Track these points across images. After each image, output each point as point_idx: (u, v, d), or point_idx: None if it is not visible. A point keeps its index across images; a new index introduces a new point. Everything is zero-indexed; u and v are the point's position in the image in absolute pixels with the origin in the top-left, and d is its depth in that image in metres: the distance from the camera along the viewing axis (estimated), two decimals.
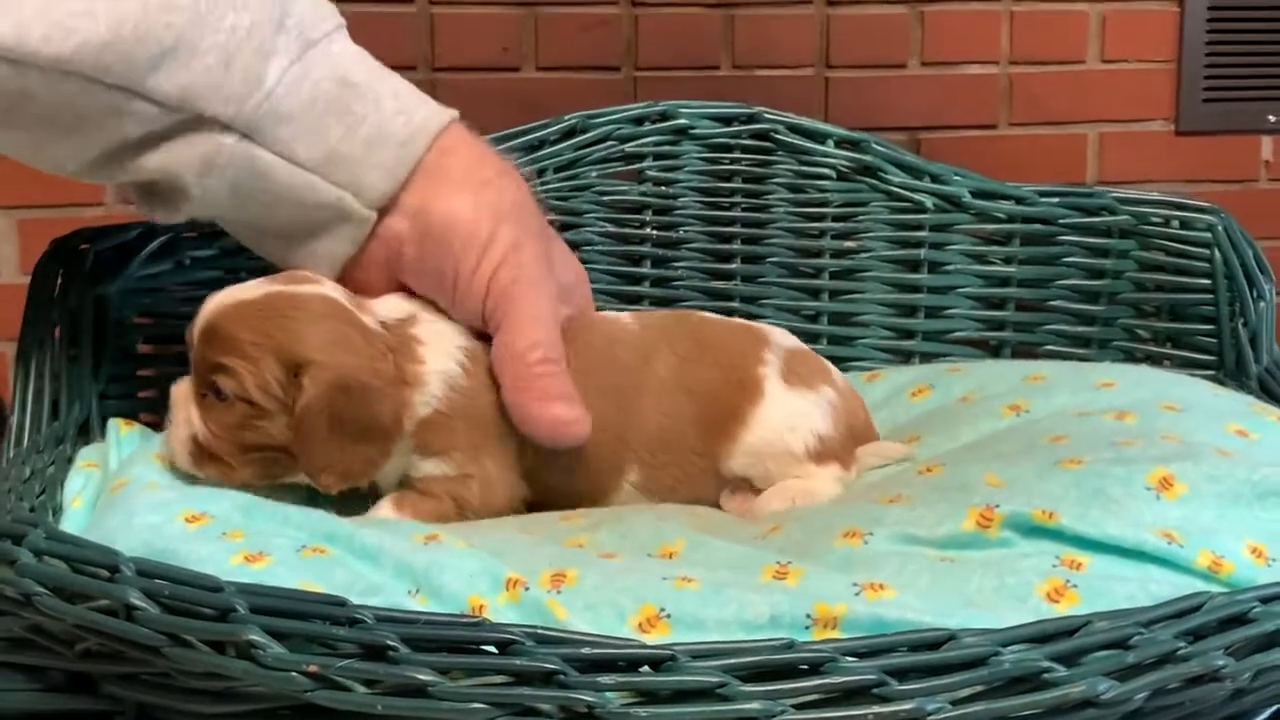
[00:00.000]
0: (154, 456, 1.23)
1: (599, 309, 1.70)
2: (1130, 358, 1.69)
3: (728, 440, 1.29)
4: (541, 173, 1.70)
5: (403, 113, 1.19)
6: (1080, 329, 1.71)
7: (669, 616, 1.00)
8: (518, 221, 1.22)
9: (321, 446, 1.15)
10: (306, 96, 1.15)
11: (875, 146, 1.73)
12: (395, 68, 1.24)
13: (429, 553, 1.05)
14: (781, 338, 1.36)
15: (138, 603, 0.92)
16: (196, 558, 1.03)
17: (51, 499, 1.20)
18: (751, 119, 1.74)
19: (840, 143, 1.74)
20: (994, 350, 1.72)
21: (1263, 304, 1.60)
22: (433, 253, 1.21)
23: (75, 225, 1.49)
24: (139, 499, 1.12)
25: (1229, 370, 1.59)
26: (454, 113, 1.23)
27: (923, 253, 1.72)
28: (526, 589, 1.05)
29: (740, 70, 2.01)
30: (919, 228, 1.72)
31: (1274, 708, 1.00)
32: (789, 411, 1.29)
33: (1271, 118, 2.08)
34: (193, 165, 1.14)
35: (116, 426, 1.33)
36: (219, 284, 1.51)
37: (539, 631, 0.88)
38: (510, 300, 1.20)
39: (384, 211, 1.21)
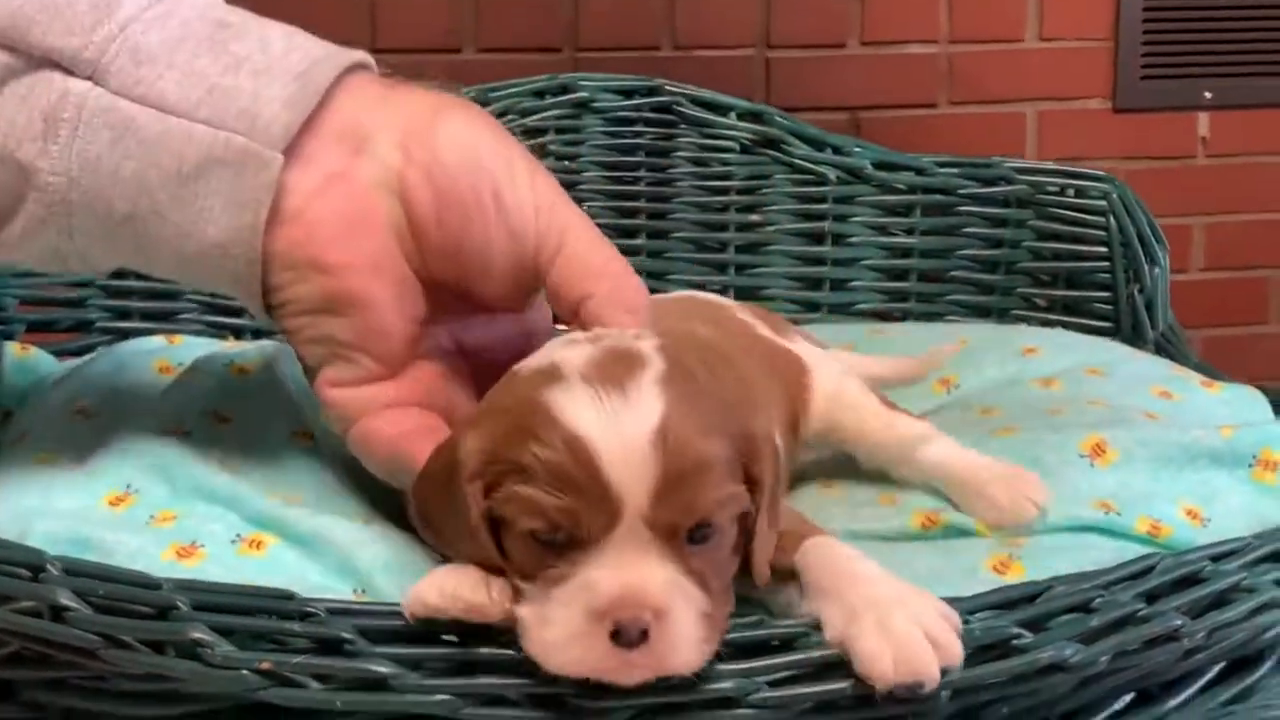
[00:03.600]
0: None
1: None
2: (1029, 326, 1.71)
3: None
4: None
5: (297, 49, 0.94)
6: (980, 298, 1.73)
7: None
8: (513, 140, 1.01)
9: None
10: (173, 34, 0.91)
11: (778, 119, 1.73)
12: None
13: (372, 547, 1.01)
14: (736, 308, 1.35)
15: (68, 603, 0.86)
16: (126, 551, 0.97)
17: None
18: (653, 91, 1.72)
19: (743, 115, 1.73)
20: (898, 322, 1.73)
21: (1157, 270, 1.63)
22: (458, 186, 0.94)
23: None
24: (57, 477, 1.06)
25: (1125, 336, 1.62)
26: (363, 54, 0.98)
27: (826, 225, 1.72)
28: None
29: (681, 51, 1.99)
30: (822, 200, 1.72)
31: (1222, 664, 1.02)
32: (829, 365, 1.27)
33: (1208, 94, 2.11)
34: (31, 130, 0.89)
35: (10, 351, 1.28)
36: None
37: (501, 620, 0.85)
38: (562, 215, 0.97)
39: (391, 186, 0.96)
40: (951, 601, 0.89)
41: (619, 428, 0.84)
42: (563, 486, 0.83)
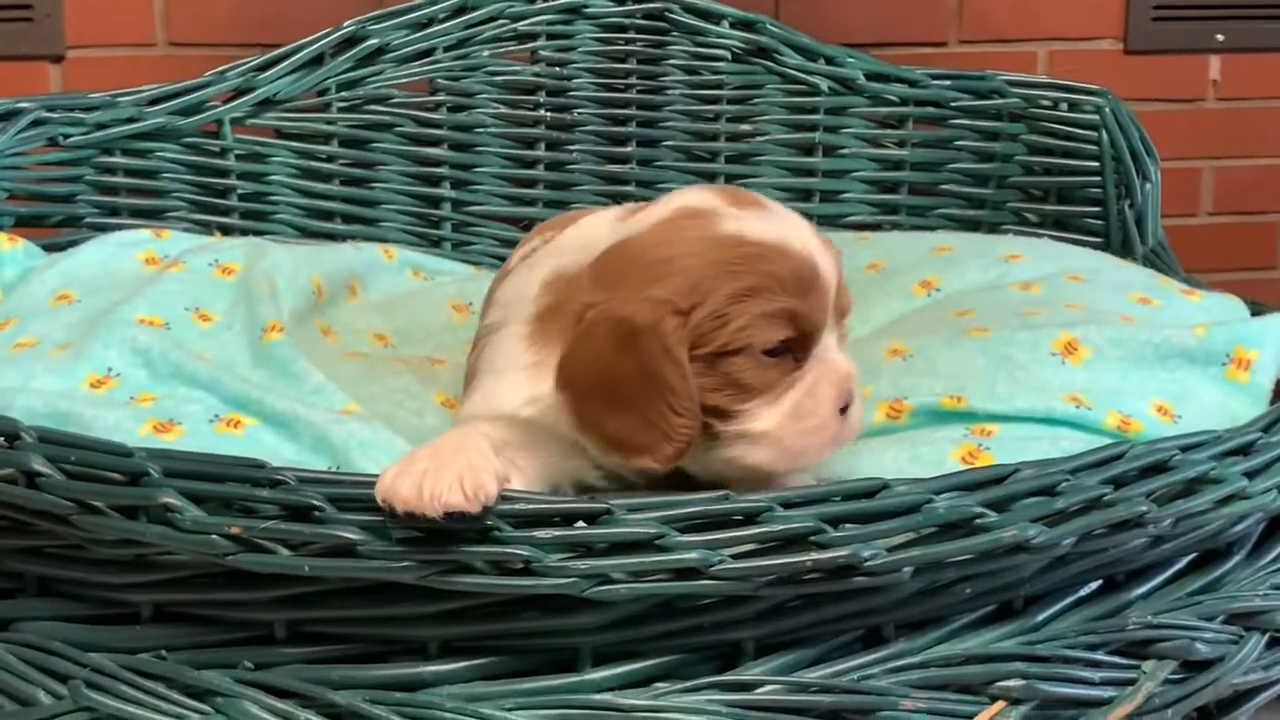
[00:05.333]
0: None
1: (490, 192, 1.68)
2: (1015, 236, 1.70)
3: None
4: (430, 52, 1.65)
5: None
6: (971, 212, 1.72)
7: None
8: None
9: None
10: None
11: (770, 28, 1.72)
12: None
13: (346, 426, 1.02)
14: None
15: (41, 469, 0.87)
16: (104, 425, 0.98)
17: None
18: None
19: (735, 23, 1.72)
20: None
21: (1148, 185, 1.62)
22: None
23: None
24: (39, 360, 1.07)
25: (1115, 250, 1.61)
26: None
27: (817, 136, 1.72)
28: None
29: None
30: (814, 111, 1.71)
31: (1191, 555, 1.03)
32: None
33: (1220, 37, 2.07)
34: None
35: None
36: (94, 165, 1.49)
37: None
38: None
39: None
40: (918, 482, 0.90)
41: (807, 236, 0.98)
42: (800, 290, 0.95)
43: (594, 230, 1.04)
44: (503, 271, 1.21)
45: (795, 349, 0.97)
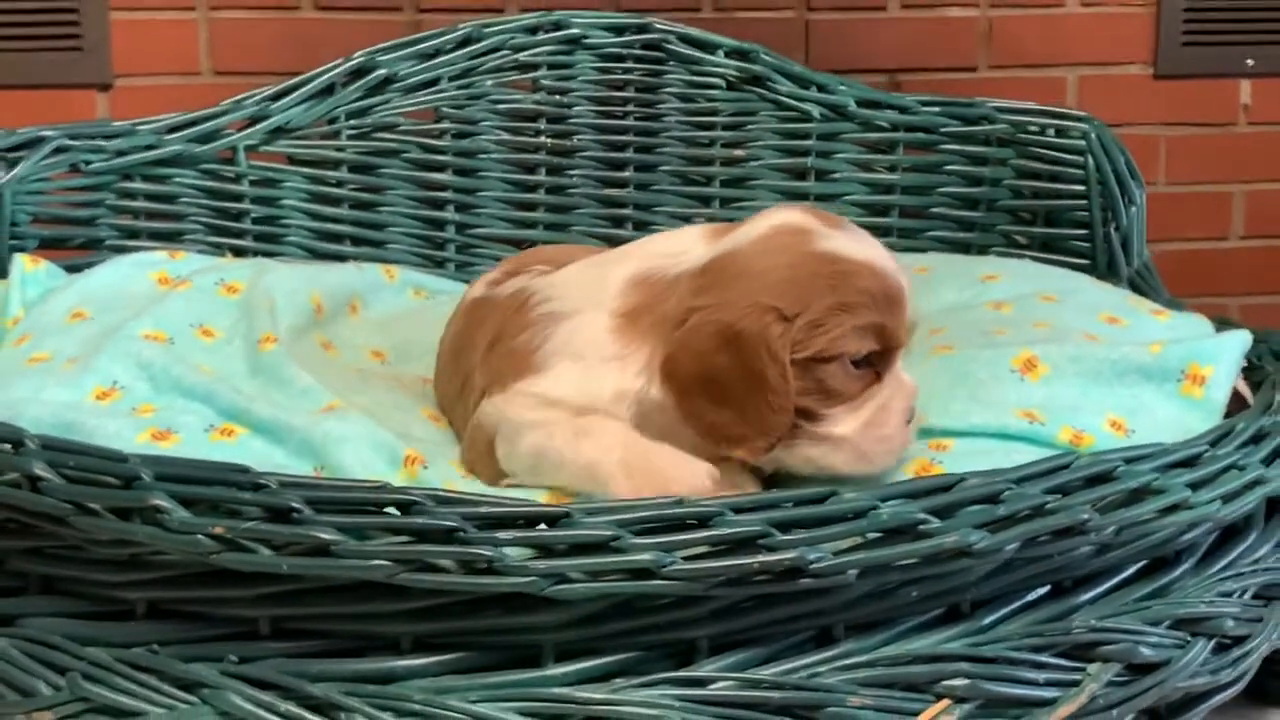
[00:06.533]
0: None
1: (493, 215, 1.74)
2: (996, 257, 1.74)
3: None
4: (436, 81, 1.72)
5: None
6: (960, 235, 1.77)
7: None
8: None
9: None
10: None
11: (764, 57, 1.77)
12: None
13: (323, 425, 1.07)
14: None
15: (43, 474, 0.93)
16: (105, 433, 1.05)
17: None
18: (643, 29, 1.77)
19: (730, 53, 1.77)
20: None
21: (1134, 209, 1.67)
22: None
23: None
24: (50, 374, 1.14)
25: (1101, 273, 1.66)
26: None
27: (810, 161, 1.77)
28: (425, 466, 1.08)
29: (722, 12, 1.99)
30: (806, 136, 1.77)
31: (1140, 563, 1.07)
32: None
33: (1250, 61, 2.08)
34: None
35: (22, 263, 1.35)
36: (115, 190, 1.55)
37: (439, 493, 0.92)
38: None
39: None
40: (865, 490, 0.94)
41: (889, 258, 1.06)
42: (887, 307, 1.04)
43: (684, 241, 1.12)
44: (482, 298, 1.26)
45: (877, 362, 1.06)
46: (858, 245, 1.06)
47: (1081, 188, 1.70)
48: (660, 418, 1.06)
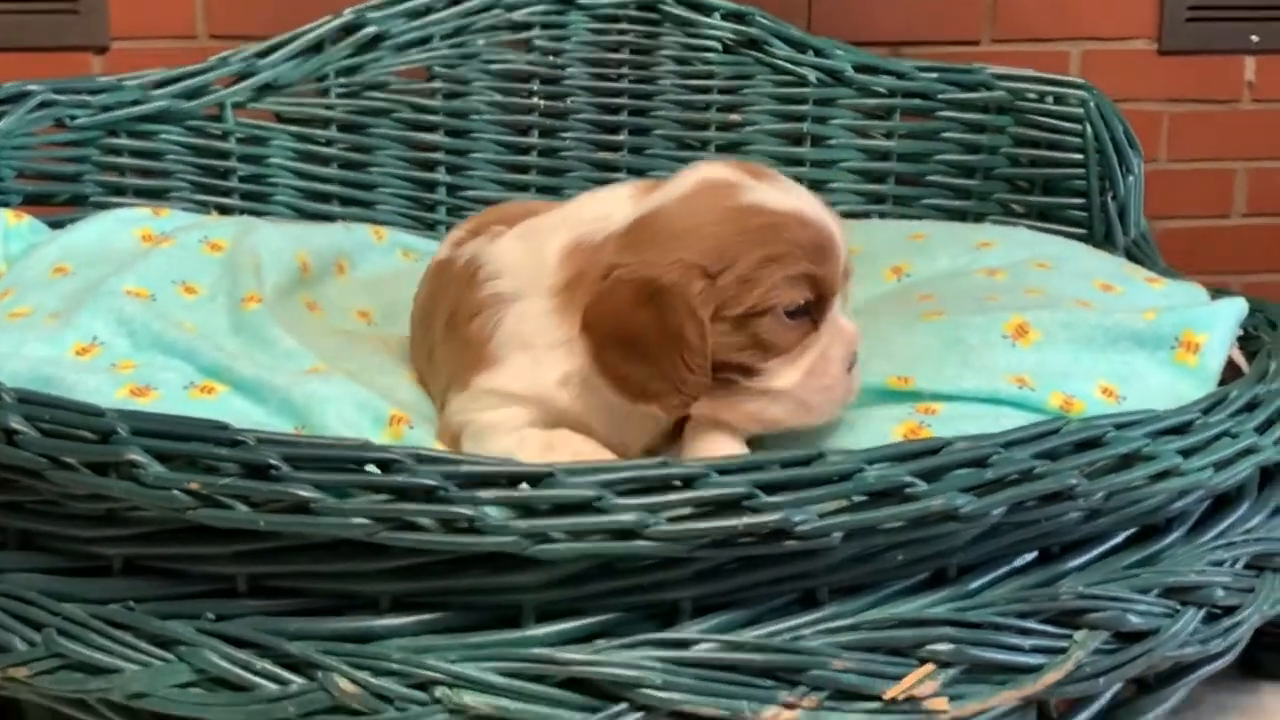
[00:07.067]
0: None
1: (484, 177, 1.72)
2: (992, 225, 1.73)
3: None
4: (427, 40, 1.70)
5: None
6: (956, 203, 1.75)
7: None
8: None
9: None
10: None
11: (760, 20, 1.75)
12: None
13: (306, 386, 1.06)
14: None
15: (19, 427, 0.92)
16: (84, 388, 1.03)
17: None
18: None
19: (726, 15, 1.75)
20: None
21: (1131, 178, 1.65)
22: None
23: None
24: (31, 329, 1.12)
25: (1098, 242, 1.64)
26: None
27: (806, 126, 1.75)
28: (411, 427, 1.07)
29: None
30: (803, 101, 1.75)
31: (1130, 530, 1.06)
32: None
33: (1255, 38, 2.05)
34: None
35: (4, 218, 1.34)
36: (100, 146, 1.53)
37: (420, 451, 0.90)
38: None
39: None
40: (852, 452, 0.93)
41: (819, 207, 1.06)
42: (817, 256, 1.03)
43: (611, 203, 1.10)
44: (446, 259, 1.24)
45: (813, 311, 1.05)
46: (784, 196, 1.06)
47: (1079, 156, 1.68)
48: (608, 394, 1.05)
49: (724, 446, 1.06)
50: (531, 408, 1.08)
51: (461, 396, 1.10)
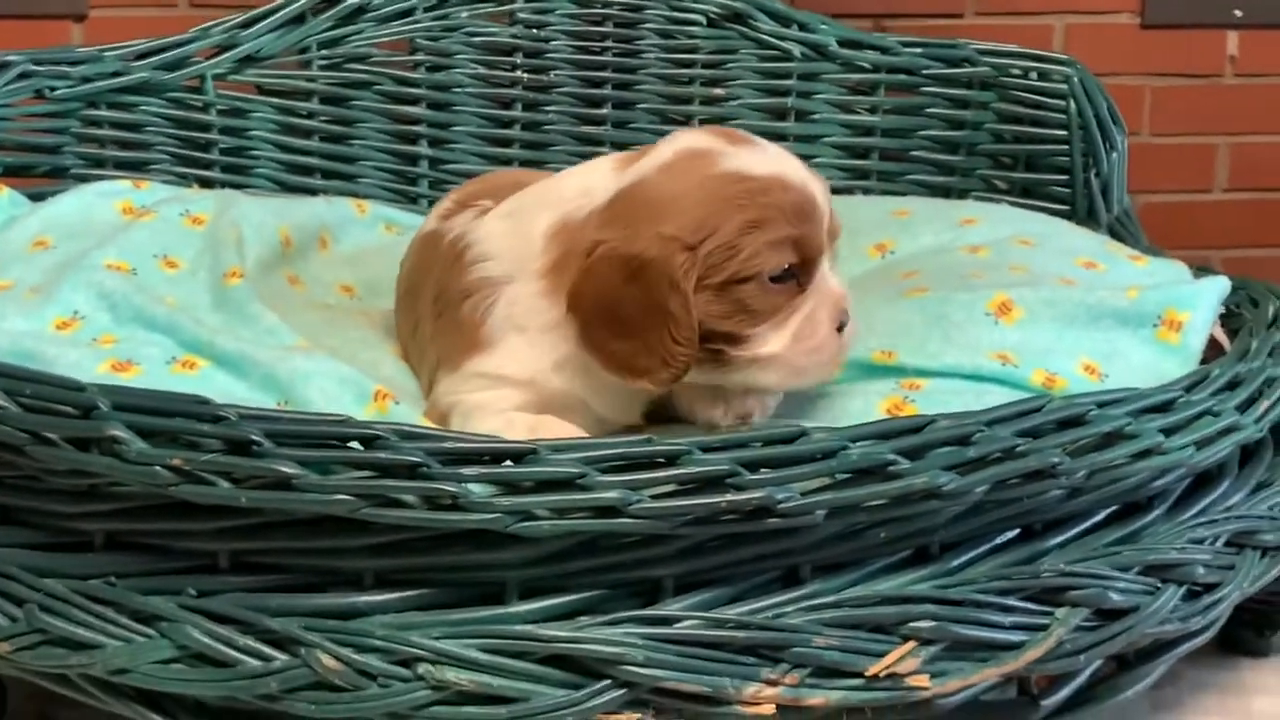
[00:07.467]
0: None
1: (467, 151, 1.71)
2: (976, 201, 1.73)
3: None
4: (410, 12, 1.69)
5: None
6: (940, 179, 1.75)
7: None
8: None
9: None
10: None
11: None
12: None
13: (290, 361, 1.06)
14: None
15: None
16: (65, 363, 1.03)
17: None
18: None
19: None
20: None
21: (1115, 155, 1.65)
22: None
23: None
24: (11, 303, 1.12)
25: (1081, 219, 1.64)
26: None
27: (790, 101, 1.74)
28: (396, 403, 1.07)
29: None
30: (787, 76, 1.74)
31: (1111, 508, 1.06)
32: None
33: (1238, 12, 2.04)
34: None
35: None
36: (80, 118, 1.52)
37: (403, 428, 0.90)
38: None
39: None
40: (835, 430, 0.93)
41: (800, 168, 1.05)
42: (800, 219, 1.03)
43: (594, 177, 1.10)
44: (432, 232, 1.23)
45: (799, 274, 1.04)
46: (764, 160, 1.05)
47: (1063, 132, 1.68)
48: (602, 373, 1.06)
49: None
50: (523, 390, 1.08)
51: (452, 378, 1.09)
